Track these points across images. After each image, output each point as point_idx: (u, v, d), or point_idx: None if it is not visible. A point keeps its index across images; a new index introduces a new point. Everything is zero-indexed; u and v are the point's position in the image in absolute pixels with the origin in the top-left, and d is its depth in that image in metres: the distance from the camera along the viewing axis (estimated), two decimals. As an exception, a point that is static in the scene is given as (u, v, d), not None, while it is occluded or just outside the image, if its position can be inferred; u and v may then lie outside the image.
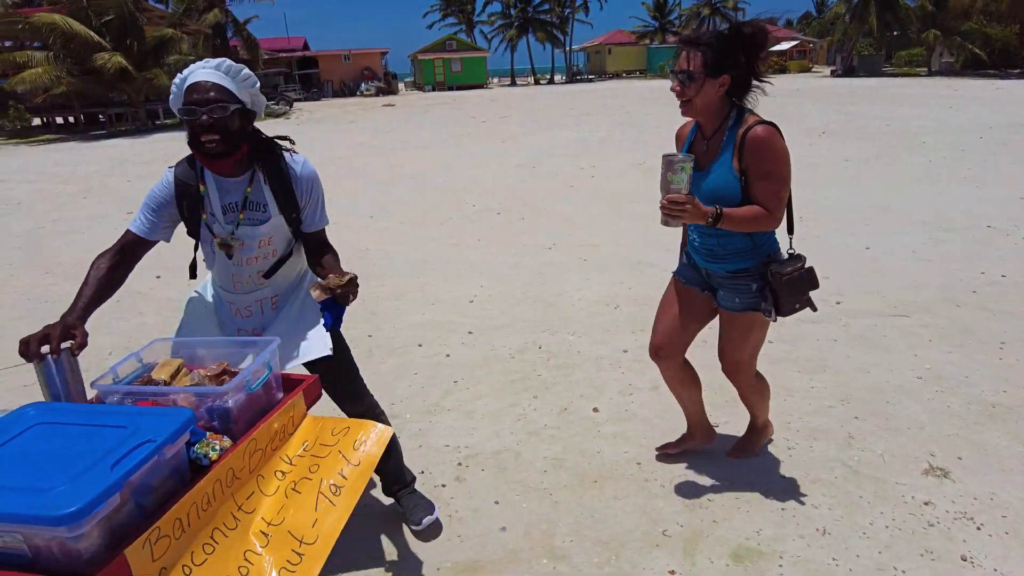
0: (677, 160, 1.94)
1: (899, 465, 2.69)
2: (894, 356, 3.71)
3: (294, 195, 2.00)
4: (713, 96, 2.08)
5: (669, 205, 1.96)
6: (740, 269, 2.25)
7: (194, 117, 1.78)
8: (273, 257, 2.09)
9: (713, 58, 2.02)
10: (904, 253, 5.57)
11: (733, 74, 2.05)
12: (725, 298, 2.34)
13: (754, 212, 2.07)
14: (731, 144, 2.10)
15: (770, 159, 2.05)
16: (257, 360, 1.73)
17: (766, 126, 2.05)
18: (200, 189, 1.96)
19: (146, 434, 1.37)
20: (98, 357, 4.26)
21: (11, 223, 8.87)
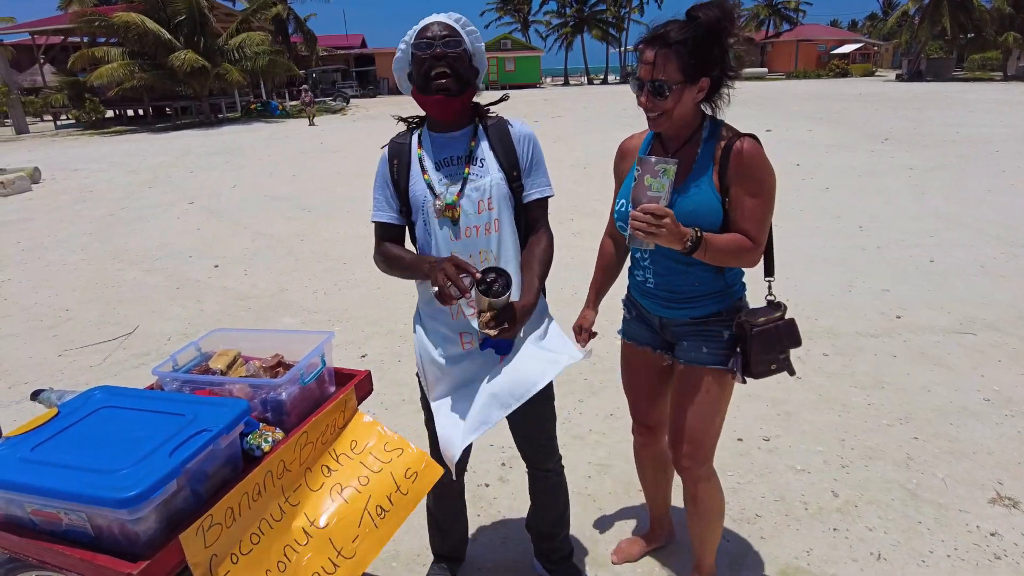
0: (658, 162, 1.53)
1: (963, 491, 2.56)
2: (958, 375, 3.54)
3: (514, 150, 1.82)
4: (690, 105, 1.68)
5: (644, 218, 1.53)
6: (710, 314, 1.82)
7: (429, 50, 1.69)
8: (496, 231, 1.79)
9: (690, 59, 1.60)
10: (972, 267, 5.31)
11: (711, 74, 1.66)
12: (689, 349, 1.85)
13: (738, 241, 1.67)
14: (709, 159, 1.70)
15: (760, 177, 1.67)
16: (311, 353, 1.76)
17: (750, 139, 1.68)
18: (418, 152, 1.82)
19: (203, 423, 1.41)
20: (157, 343, 4.43)
21: (84, 210, 9.32)
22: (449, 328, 1.82)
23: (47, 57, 31.58)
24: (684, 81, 1.62)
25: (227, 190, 10.40)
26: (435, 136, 1.82)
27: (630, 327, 2.06)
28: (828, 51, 49.58)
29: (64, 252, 7.03)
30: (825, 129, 14.51)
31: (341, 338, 4.35)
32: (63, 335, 4.69)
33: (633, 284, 2.00)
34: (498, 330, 1.63)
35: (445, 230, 1.77)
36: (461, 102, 1.75)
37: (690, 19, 1.60)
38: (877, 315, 4.42)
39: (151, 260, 6.59)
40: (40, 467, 1.31)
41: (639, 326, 2.01)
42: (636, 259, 1.94)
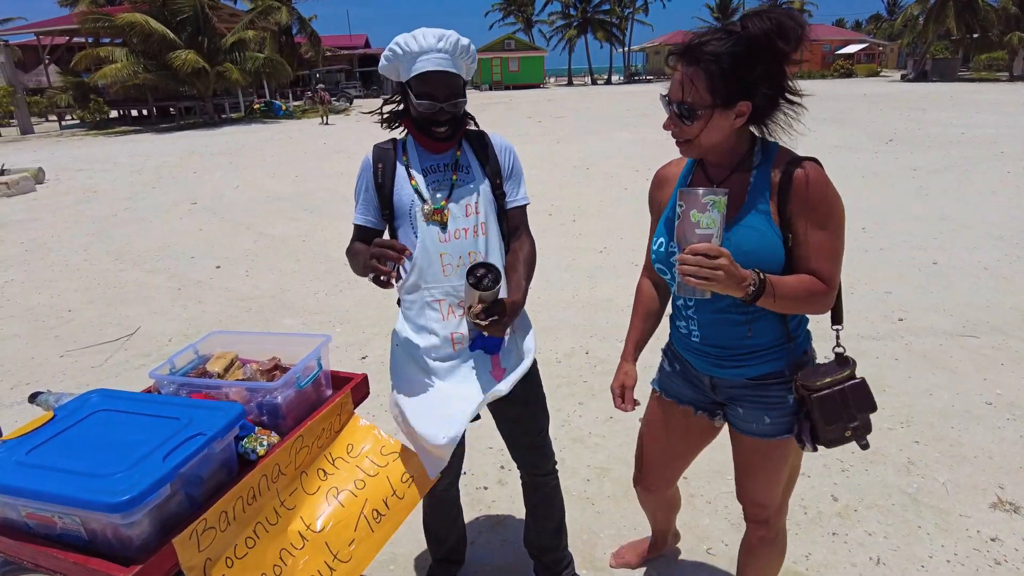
0: (705, 193, 1.28)
1: (964, 496, 2.55)
2: (961, 378, 3.52)
3: (497, 159, 1.87)
4: (726, 131, 1.42)
5: (696, 260, 1.27)
6: (769, 374, 1.54)
7: (433, 111, 1.70)
8: (482, 234, 1.82)
9: (724, 80, 1.34)
10: (975, 269, 5.29)
11: (754, 98, 1.39)
12: (748, 419, 1.60)
13: (808, 284, 1.40)
14: (764, 188, 1.44)
15: (829, 207, 1.41)
16: (308, 357, 1.76)
17: (813, 163, 1.43)
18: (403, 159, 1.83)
19: (198, 427, 1.40)
20: (158, 344, 4.44)
21: (87, 210, 9.35)
22: (440, 329, 1.82)
23: (52, 57, 31.71)
24: (715, 105, 1.37)
25: (230, 190, 10.42)
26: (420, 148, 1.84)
27: (671, 382, 1.76)
28: (833, 51, 49.46)
29: (67, 252, 7.05)
30: (829, 129, 14.47)
31: (342, 340, 4.35)
32: (65, 336, 4.70)
33: (676, 336, 1.70)
34: (488, 321, 1.63)
35: (433, 232, 1.78)
36: (454, 140, 1.81)
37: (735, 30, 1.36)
38: (880, 318, 4.40)
39: (153, 261, 6.61)
40: (35, 470, 1.31)
41: (682, 383, 1.73)
42: (678, 306, 1.66)
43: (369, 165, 1.84)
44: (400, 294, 1.90)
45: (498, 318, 1.64)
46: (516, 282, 1.82)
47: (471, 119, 1.92)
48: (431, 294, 1.81)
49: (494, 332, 1.68)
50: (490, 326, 1.64)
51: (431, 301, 1.82)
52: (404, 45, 1.69)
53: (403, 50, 1.69)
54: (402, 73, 1.73)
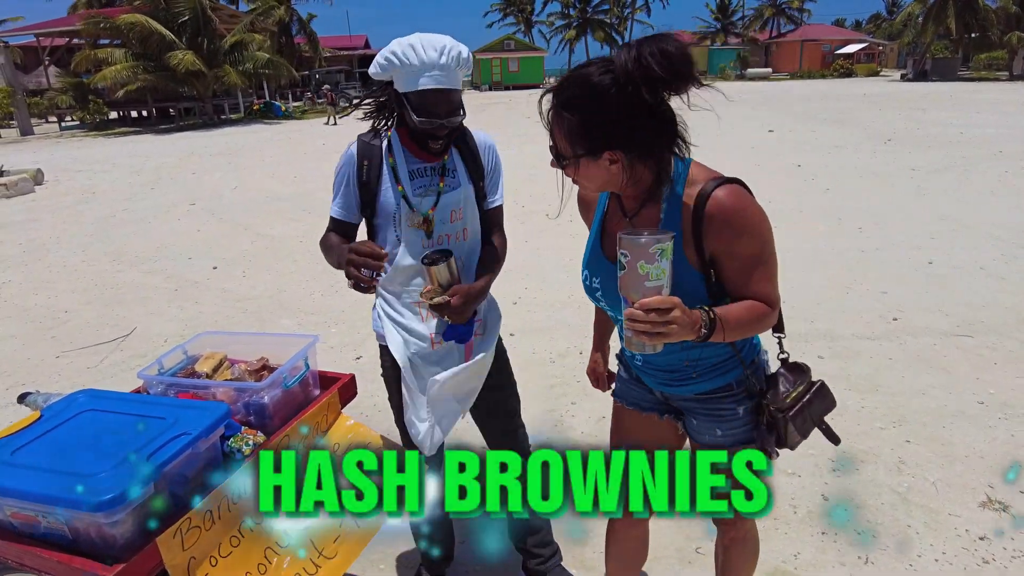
0: (652, 241, 1.15)
1: (954, 495, 2.55)
2: (955, 378, 3.53)
3: (479, 159, 1.87)
4: (605, 175, 1.30)
5: (648, 318, 1.16)
6: (717, 388, 1.50)
7: (434, 127, 1.68)
8: (465, 239, 1.83)
9: (581, 132, 1.24)
10: (971, 269, 5.29)
11: (623, 147, 1.25)
12: (701, 430, 1.56)
13: (754, 309, 1.33)
14: (675, 220, 1.32)
15: (754, 231, 1.30)
16: (295, 357, 1.77)
17: (728, 187, 1.30)
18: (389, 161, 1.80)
19: (183, 427, 1.41)
20: (154, 344, 4.45)
21: (86, 211, 9.37)
22: (420, 328, 1.83)
23: (52, 59, 31.76)
24: (579, 155, 1.27)
25: (229, 191, 10.44)
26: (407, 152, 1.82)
27: (629, 390, 1.68)
28: (833, 51, 49.45)
29: (65, 253, 7.07)
30: (828, 129, 14.48)
31: (337, 340, 4.36)
32: (62, 336, 4.71)
33: (624, 352, 1.66)
34: (435, 302, 1.65)
35: (417, 237, 1.79)
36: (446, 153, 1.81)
37: (591, 76, 1.22)
38: (875, 317, 4.40)
39: (151, 262, 6.62)
40: (19, 470, 1.32)
41: (640, 391, 1.65)
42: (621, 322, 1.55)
43: (353, 160, 1.79)
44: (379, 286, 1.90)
45: (447, 300, 1.65)
46: (479, 273, 1.85)
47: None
48: (411, 296, 1.82)
49: (453, 318, 1.70)
50: (438, 307, 1.66)
51: (411, 303, 1.83)
52: (403, 57, 1.62)
53: (402, 62, 1.63)
54: (398, 83, 1.69)
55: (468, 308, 1.72)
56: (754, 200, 1.33)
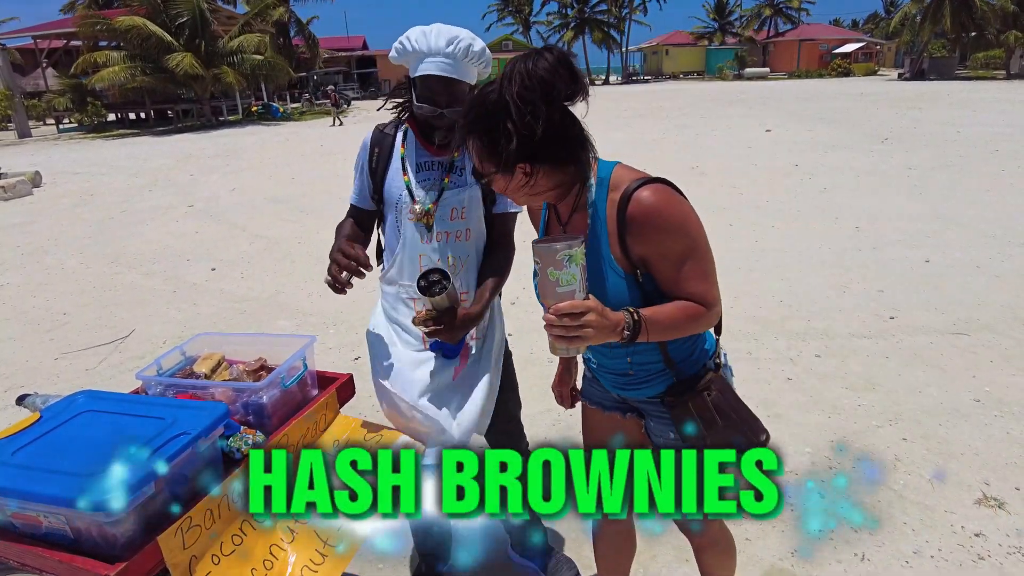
0: (558, 247, 1.17)
1: (949, 492, 2.57)
2: (950, 376, 3.54)
3: None
4: (525, 189, 1.32)
5: (561, 322, 1.18)
6: (658, 395, 1.51)
7: (432, 115, 1.70)
8: (467, 239, 1.82)
9: (489, 151, 1.27)
10: (967, 267, 5.31)
11: (535, 158, 1.27)
12: (656, 431, 1.57)
13: (686, 309, 1.32)
14: (601, 227, 1.34)
15: (679, 230, 1.30)
16: (293, 357, 1.78)
17: (651, 186, 1.30)
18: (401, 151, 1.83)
19: (182, 427, 1.42)
20: (153, 346, 4.46)
21: (84, 213, 9.37)
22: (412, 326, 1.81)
23: (50, 61, 31.74)
24: (493, 172, 1.30)
25: (226, 193, 10.44)
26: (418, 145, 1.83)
27: (592, 389, 1.70)
28: (830, 51, 49.55)
29: (63, 255, 7.07)
30: (825, 129, 14.51)
31: (335, 340, 4.37)
32: (60, 338, 4.72)
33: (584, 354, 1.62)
34: (431, 329, 1.62)
35: (415, 231, 1.79)
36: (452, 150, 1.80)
37: (487, 95, 1.26)
38: (871, 316, 4.42)
39: (149, 263, 6.63)
40: (20, 471, 1.33)
41: (601, 390, 1.66)
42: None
43: (366, 147, 1.86)
44: (379, 279, 1.94)
45: (442, 328, 1.60)
46: (480, 293, 1.80)
47: None
48: (407, 291, 1.83)
49: (443, 339, 1.66)
50: (431, 334, 1.61)
51: (406, 298, 1.84)
52: (414, 42, 1.68)
53: (411, 47, 1.68)
54: (411, 69, 1.74)
55: (461, 333, 1.70)
56: (679, 198, 1.32)
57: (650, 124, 17.13)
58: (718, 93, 28.86)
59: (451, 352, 1.81)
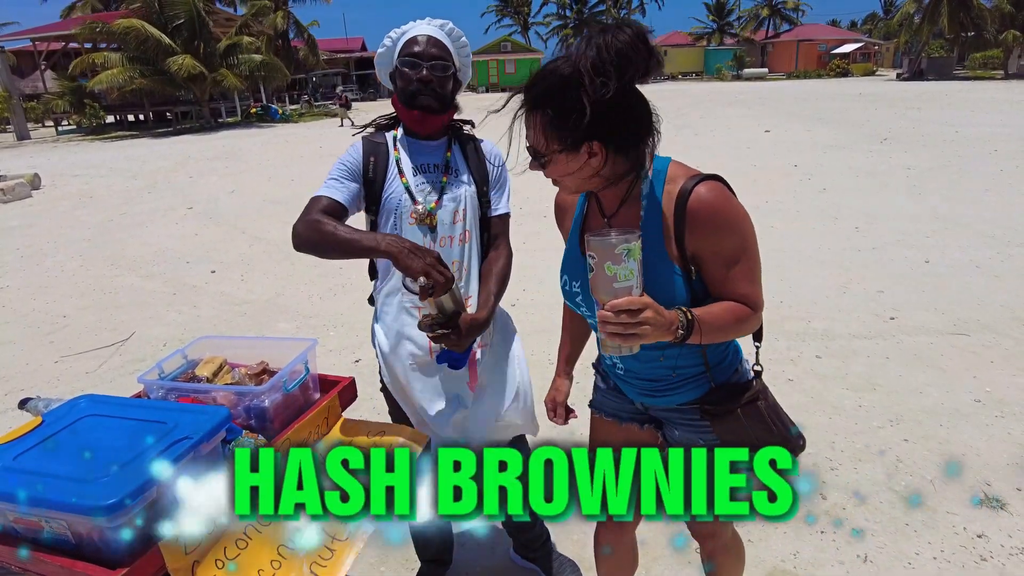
0: (615, 240, 1.13)
1: (951, 493, 2.57)
2: (951, 377, 3.54)
3: (485, 165, 1.85)
4: (585, 171, 1.28)
5: (619, 319, 1.14)
6: (697, 399, 1.47)
7: (415, 71, 1.67)
8: (466, 242, 1.80)
9: (559, 125, 1.22)
10: (967, 268, 5.31)
11: (603, 137, 1.23)
12: (683, 440, 1.52)
13: (734, 311, 1.30)
14: (656, 222, 1.30)
15: (736, 229, 1.29)
16: (295, 360, 1.78)
17: (710, 183, 1.28)
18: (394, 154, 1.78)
19: (184, 431, 1.42)
20: (153, 349, 4.46)
21: (83, 216, 9.37)
22: (419, 336, 1.78)
23: (48, 63, 31.73)
24: (558, 150, 1.25)
25: (226, 195, 10.44)
26: (412, 141, 1.82)
27: (606, 400, 1.65)
28: (829, 51, 49.57)
29: (63, 258, 7.06)
30: (824, 129, 14.52)
31: (336, 343, 4.37)
32: (60, 341, 4.72)
33: (603, 361, 1.62)
34: (437, 334, 1.58)
35: (418, 235, 1.77)
36: (442, 120, 1.78)
37: (562, 67, 1.21)
38: (871, 316, 4.42)
39: (149, 266, 6.62)
40: (21, 476, 1.33)
41: (619, 400, 1.61)
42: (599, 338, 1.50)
43: (359, 155, 1.77)
44: (375, 293, 1.89)
45: (448, 332, 1.58)
46: (485, 297, 1.79)
47: (470, 124, 1.93)
48: (411, 300, 1.79)
49: (450, 346, 1.63)
50: (439, 338, 1.59)
51: (410, 307, 1.80)
52: (397, 29, 1.74)
53: (396, 34, 1.75)
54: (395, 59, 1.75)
55: (468, 340, 1.67)
56: (735, 198, 1.31)
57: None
58: (717, 94, 28.88)
59: (458, 362, 1.75)
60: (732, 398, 1.43)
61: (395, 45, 1.76)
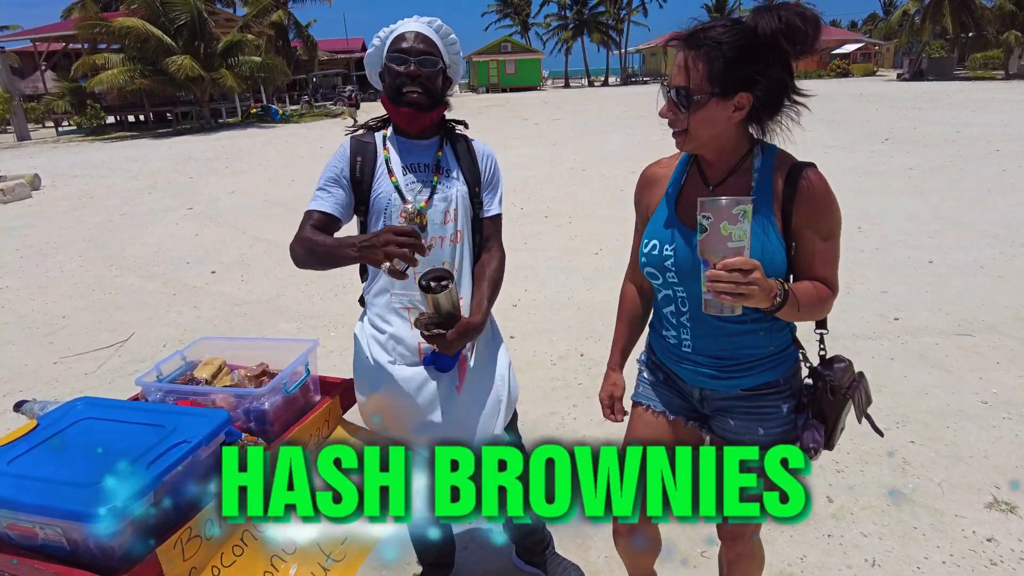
0: (734, 204, 1.19)
1: (959, 496, 2.53)
2: (956, 378, 3.51)
3: (477, 166, 1.82)
4: (723, 124, 1.34)
5: (731, 277, 1.18)
6: (765, 384, 1.47)
7: (403, 66, 1.65)
8: (458, 243, 1.76)
9: (725, 67, 1.28)
10: (971, 268, 5.28)
11: (756, 91, 1.31)
12: (740, 431, 1.50)
13: (819, 291, 1.38)
14: (768, 194, 1.38)
15: (835, 216, 1.39)
16: (295, 362, 1.75)
17: (816, 170, 1.39)
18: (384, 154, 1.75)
19: (182, 435, 1.39)
20: (152, 350, 4.43)
21: (83, 216, 9.34)
22: (408, 337, 1.75)
23: (48, 64, 31.71)
24: (713, 92, 1.29)
25: (226, 195, 10.41)
26: (402, 140, 1.79)
27: (657, 391, 1.63)
28: (829, 51, 49.54)
29: (62, 258, 7.04)
30: (825, 129, 14.48)
31: (337, 344, 4.33)
32: (59, 342, 4.69)
33: (660, 346, 1.60)
34: (433, 333, 1.58)
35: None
36: (431, 118, 1.75)
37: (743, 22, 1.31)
38: (875, 317, 4.39)
39: (149, 266, 6.60)
40: (16, 480, 1.30)
41: (669, 392, 1.61)
42: (665, 314, 1.54)
43: (346, 155, 1.75)
44: (366, 295, 1.86)
45: (443, 332, 1.57)
46: (478, 301, 1.76)
47: (462, 124, 1.90)
48: (399, 301, 1.75)
49: (442, 348, 1.61)
50: (433, 338, 1.58)
51: (399, 308, 1.76)
52: (386, 28, 1.73)
53: (384, 33, 1.74)
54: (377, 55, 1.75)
55: (461, 343, 1.66)
56: (832, 189, 1.41)
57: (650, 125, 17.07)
58: (717, 94, 28.80)
59: (447, 365, 1.74)
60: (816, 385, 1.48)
61: (383, 44, 1.74)
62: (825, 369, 1.47)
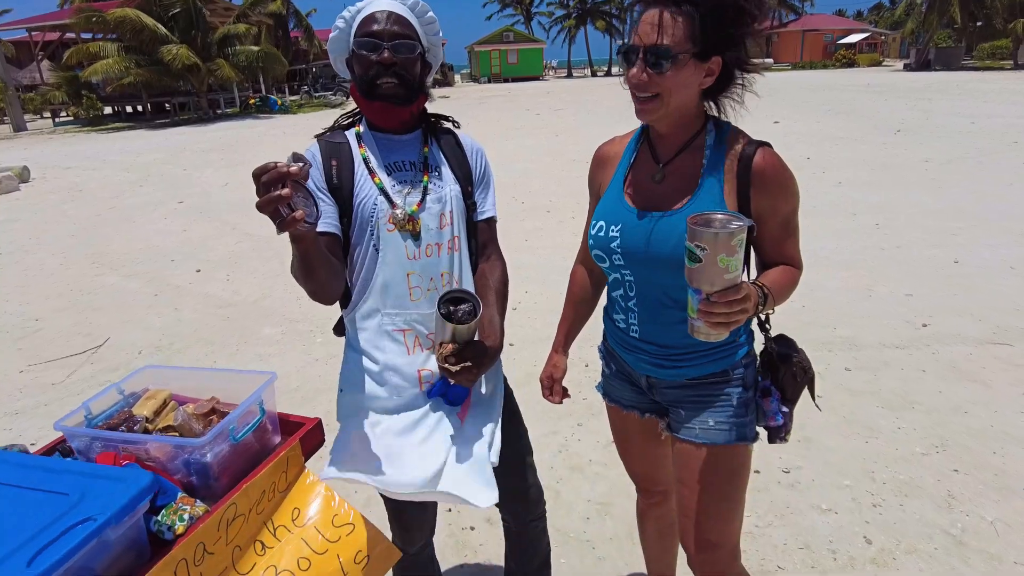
0: (730, 229, 1.08)
1: (1017, 538, 2.24)
2: (996, 393, 3.22)
3: (467, 162, 1.58)
4: (694, 90, 1.29)
5: (729, 307, 1.11)
6: (711, 374, 1.41)
7: (376, 52, 1.39)
8: (457, 250, 1.53)
9: (703, 26, 1.21)
10: (1001, 269, 4.97)
11: (727, 57, 1.27)
12: (692, 421, 1.42)
13: (790, 274, 1.37)
14: (718, 175, 1.31)
15: (790, 194, 1.33)
16: (245, 402, 1.46)
17: (769, 148, 1.32)
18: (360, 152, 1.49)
19: (89, 508, 1.10)
20: (127, 356, 4.15)
21: (70, 210, 9.05)
22: (405, 365, 1.49)
23: (45, 54, 31.33)
24: (693, 52, 1.22)
25: (218, 188, 10.11)
26: (379, 136, 1.51)
27: (610, 386, 1.62)
28: (834, 41, 48.92)
29: (44, 255, 6.75)
30: (835, 120, 14.13)
31: (323, 351, 4.04)
32: (29, 348, 4.40)
33: (611, 331, 1.54)
34: (459, 367, 1.34)
35: (400, 245, 1.45)
36: (410, 111, 1.47)
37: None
38: (901, 323, 4.09)
39: (132, 264, 6.31)
40: None
41: (621, 385, 1.58)
42: (615, 297, 1.49)
43: (317, 161, 1.46)
44: (346, 319, 1.57)
45: (471, 364, 1.34)
46: (489, 319, 1.51)
47: (451, 120, 1.62)
48: (393, 322, 1.49)
49: (462, 381, 1.37)
50: (460, 373, 1.34)
51: (392, 331, 1.49)
52: (351, 7, 1.45)
53: (349, 13, 1.45)
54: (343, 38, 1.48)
55: (483, 372, 1.43)
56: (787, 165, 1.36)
57: (654, 116, 16.67)
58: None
59: (459, 398, 1.50)
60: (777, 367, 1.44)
61: (350, 26, 1.45)
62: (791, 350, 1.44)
